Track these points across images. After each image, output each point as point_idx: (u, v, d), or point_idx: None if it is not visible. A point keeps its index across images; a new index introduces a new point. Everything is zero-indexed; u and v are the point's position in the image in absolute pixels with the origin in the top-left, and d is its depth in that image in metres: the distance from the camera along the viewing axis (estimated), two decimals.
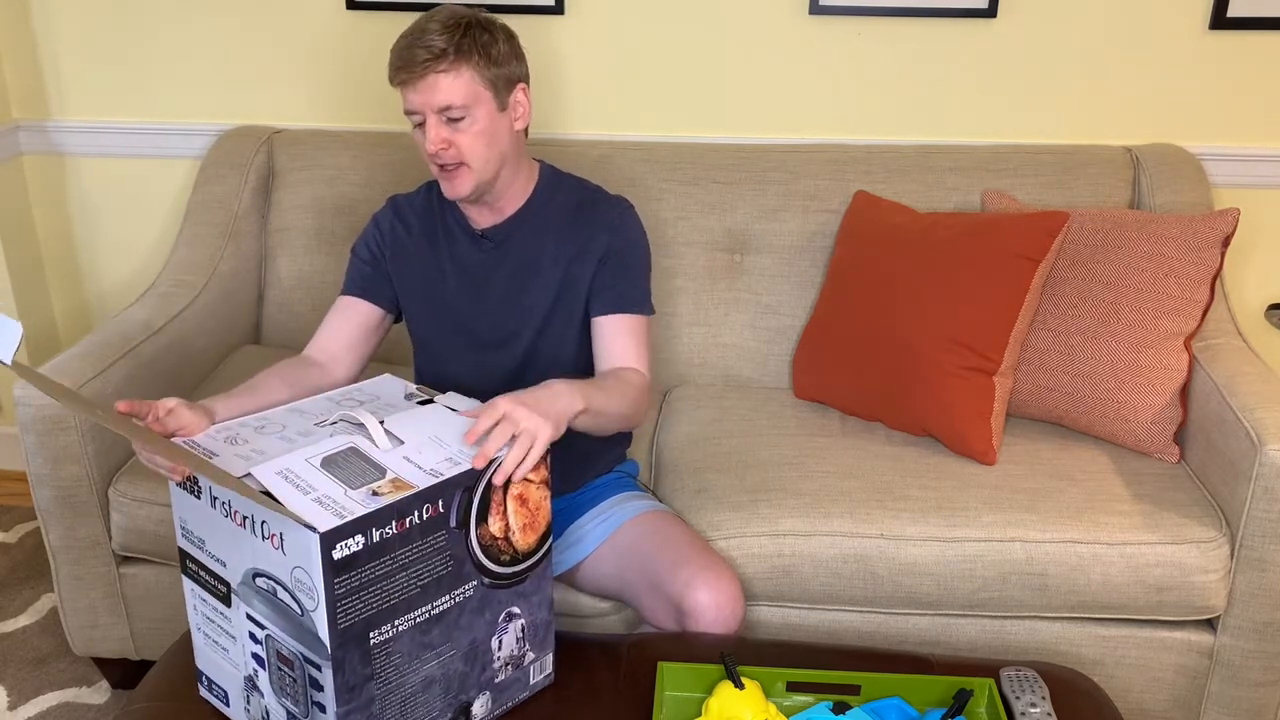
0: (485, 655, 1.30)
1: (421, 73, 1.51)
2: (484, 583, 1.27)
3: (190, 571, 1.29)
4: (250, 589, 1.19)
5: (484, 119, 1.55)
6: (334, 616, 1.12)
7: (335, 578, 1.11)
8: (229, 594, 1.23)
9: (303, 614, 1.14)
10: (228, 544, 1.21)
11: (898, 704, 1.33)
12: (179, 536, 1.28)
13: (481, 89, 1.54)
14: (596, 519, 1.71)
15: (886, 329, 1.99)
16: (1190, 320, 1.92)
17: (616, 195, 1.73)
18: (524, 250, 1.68)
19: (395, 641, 1.19)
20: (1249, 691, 1.80)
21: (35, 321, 2.62)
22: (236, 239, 2.31)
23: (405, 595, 1.18)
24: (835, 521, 1.76)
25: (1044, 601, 1.76)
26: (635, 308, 1.67)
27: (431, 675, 1.24)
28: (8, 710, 2.02)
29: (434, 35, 1.51)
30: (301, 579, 1.12)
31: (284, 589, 1.14)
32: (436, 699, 1.26)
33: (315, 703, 1.17)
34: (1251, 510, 1.71)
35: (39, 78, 2.50)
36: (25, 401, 1.79)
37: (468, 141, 1.55)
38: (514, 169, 1.64)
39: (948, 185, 2.21)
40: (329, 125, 2.46)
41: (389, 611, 1.17)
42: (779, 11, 2.31)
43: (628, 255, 1.68)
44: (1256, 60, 2.28)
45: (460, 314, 1.70)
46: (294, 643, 1.16)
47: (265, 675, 1.22)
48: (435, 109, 1.53)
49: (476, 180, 1.58)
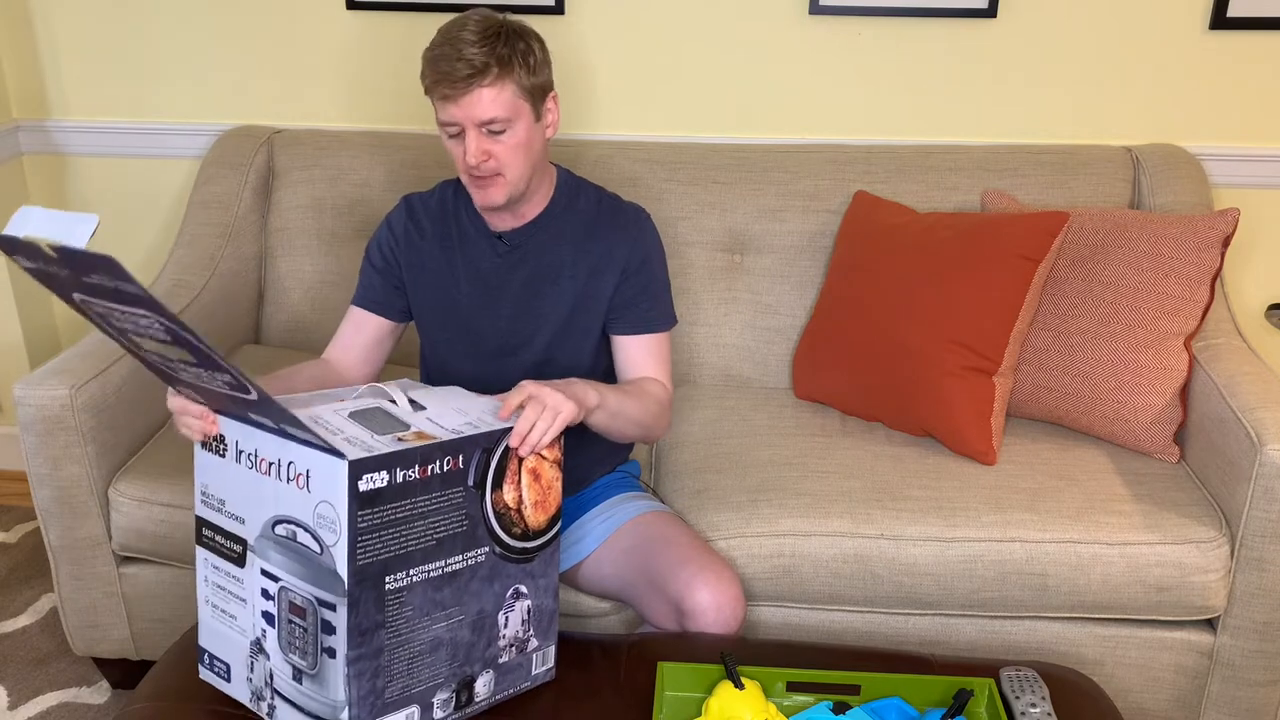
0: (492, 630, 1.32)
1: (465, 88, 1.48)
2: (495, 551, 1.31)
3: (205, 539, 1.32)
4: (268, 541, 1.24)
5: (523, 130, 1.54)
6: (354, 551, 1.16)
7: (359, 509, 1.16)
8: (244, 553, 1.27)
9: (322, 551, 1.18)
10: (249, 498, 1.25)
11: (898, 704, 1.33)
12: (198, 504, 1.33)
13: (522, 101, 1.53)
14: (597, 519, 1.71)
15: (887, 329, 1.99)
16: (1190, 320, 1.92)
17: (633, 204, 1.73)
18: (541, 256, 1.67)
19: (409, 592, 1.22)
20: (1249, 691, 1.80)
21: (35, 321, 2.62)
22: (236, 239, 2.31)
23: (421, 546, 1.23)
24: (835, 521, 1.76)
25: (1044, 601, 1.76)
26: (658, 326, 1.69)
27: (439, 637, 1.27)
28: (8, 710, 2.02)
29: (473, 47, 1.48)
30: (325, 513, 1.17)
31: (305, 530, 1.19)
32: (442, 664, 1.28)
33: (325, 649, 1.20)
34: (1251, 510, 1.71)
35: (39, 78, 2.50)
36: (25, 401, 1.79)
37: (507, 153, 1.54)
38: (541, 176, 1.64)
39: (948, 185, 2.21)
40: (329, 125, 2.46)
41: (405, 559, 1.21)
42: (779, 11, 2.31)
43: (649, 270, 1.68)
44: (1256, 60, 2.28)
45: (471, 319, 1.70)
46: (309, 587, 1.20)
47: (274, 633, 1.25)
48: (477, 122, 1.51)
49: (511, 190, 1.58)
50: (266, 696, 1.28)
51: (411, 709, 1.26)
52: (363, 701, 1.20)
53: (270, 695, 1.27)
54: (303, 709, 1.23)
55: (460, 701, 1.31)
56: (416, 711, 1.27)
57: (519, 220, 1.67)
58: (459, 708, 1.31)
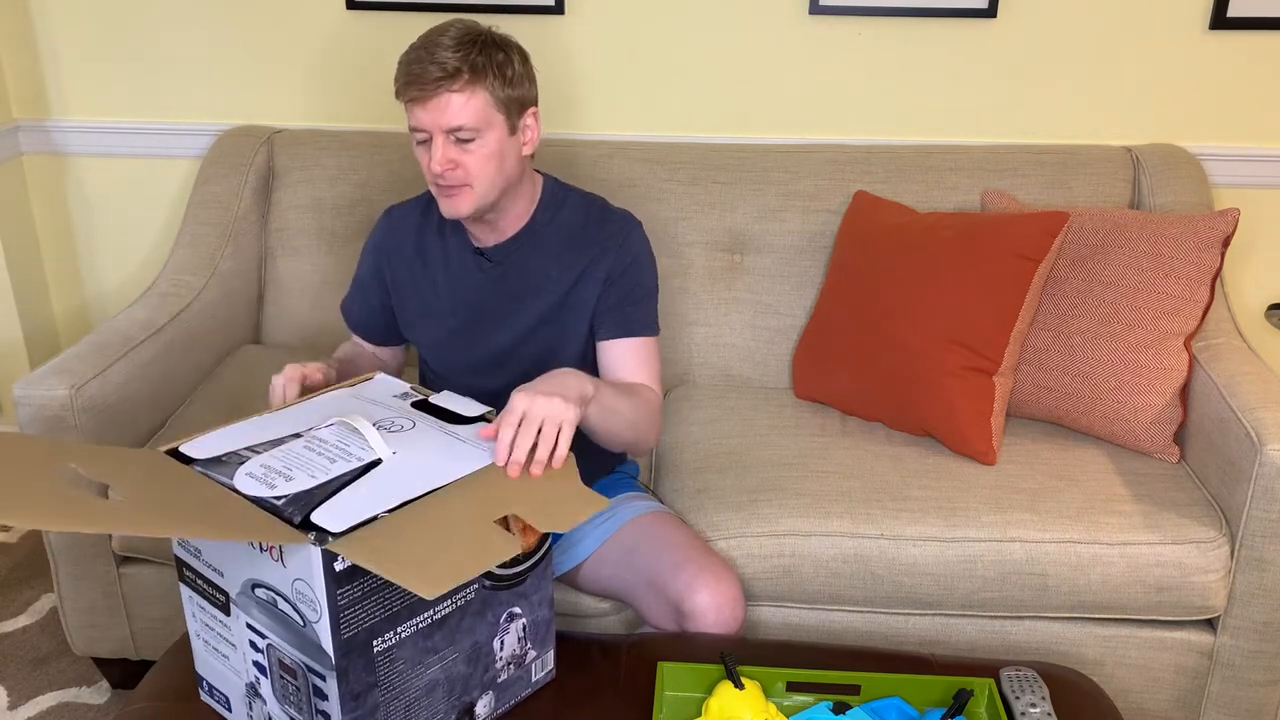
0: (487, 657, 1.30)
1: (434, 91, 1.46)
2: (485, 585, 1.27)
3: (188, 579, 1.28)
4: (249, 599, 1.19)
5: (494, 142, 1.51)
6: (337, 627, 1.12)
7: (338, 589, 1.11)
8: (228, 603, 1.23)
9: (304, 625, 1.13)
10: (225, 555, 1.20)
11: (898, 704, 1.33)
12: (175, 545, 1.27)
13: (494, 111, 1.50)
14: (597, 520, 1.71)
15: (887, 329, 1.99)
16: (1190, 320, 1.92)
17: (622, 211, 1.69)
18: (523, 272, 1.65)
19: (398, 648, 1.19)
20: (1249, 691, 1.80)
21: (35, 321, 2.62)
22: (236, 239, 2.31)
23: (407, 602, 1.18)
24: (835, 521, 1.76)
25: (1044, 601, 1.76)
26: (642, 330, 1.65)
27: (435, 679, 1.24)
28: (8, 710, 2.02)
29: (447, 51, 1.45)
30: (303, 591, 1.12)
31: (284, 600, 1.14)
32: (440, 702, 1.26)
33: (320, 711, 1.17)
34: (1251, 510, 1.71)
35: (39, 78, 2.50)
36: (25, 401, 1.79)
37: (475, 163, 1.51)
38: (516, 192, 1.61)
39: (948, 185, 2.21)
40: (329, 125, 2.46)
41: (391, 619, 1.17)
42: (779, 11, 2.31)
43: (633, 276, 1.64)
44: (1256, 60, 2.28)
45: (455, 335, 1.70)
46: (296, 653, 1.16)
47: (268, 683, 1.22)
48: (445, 129, 1.48)
49: (478, 202, 1.55)
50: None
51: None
52: None
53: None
54: None
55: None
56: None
57: (500, 236, 1.65)
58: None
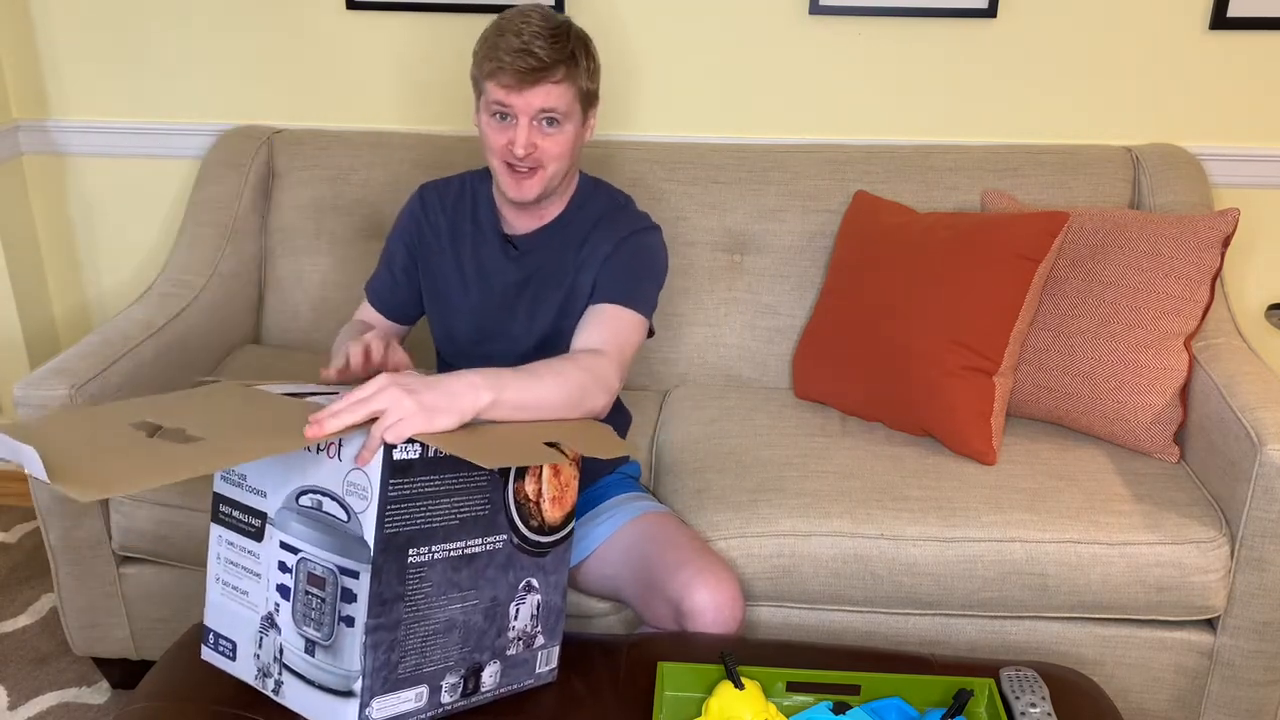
0: (502, 620, 1.34)
1: (532, 81, 1.51)
2: (512, 540, 1.33)
3: (222, 515, 1.34)
4: (290, 513, 1.26)
5: (572, 129, 1.58)
6: (383, 518, 1.18)
7: (391, 478, 1.18)
8: (262, 527, 1.29)
9: (349, 519, 1.20)
10: (273, 472, 1.27)
11: (898, 704, 1.33)
12: (217, 480, 1.34)
13: (576, 102, 1.56)
14: (597, 519, 1.71)
15: (886, 329, 1.99)
16: (1190, 320, 1.92)
17: (642, 213, 1.71)
18: (547, 261, 1.68)
19: (429, 568, 1.24)
20: (1249, 691, 1.80)
21: (35, 321, 2.62)
22: (236, 239, 2.31)
23: (444, 524, 1.25)
24: (835, 521, 1.76)
25: (1044, 601, 1.76)
26: (622, 299, 1.59)
27: (454, 618, 1.28)
28: (8, 710, 2.02)
29: (542, 42, 1.50)
30: (356, 480, 1.19)
31: (332, 499, 1.21)
32: (454, 646, 1.30)
33: (344, 618, 1.21)
34: (1251, 510, 1.71)
35: (39, 78, 2.50)
36: (25, 402, 1.79)
37: (554, 147, 1.56)
38: (570, 179, 1.67)
39: (948, 185, 2.21)
40: (329, 125, 2.46)
41: (429, 534, 1.24)
42: (779, 11, 2.31)
43: (631, 255, 1.64)
44: (1256, 60, 2.28)
45: (472, 319, 1.71)
46: (331, 556, 1.22)
47: (288, 606, 1.27)
48: (534, 112, 1.53)
49: (546, 185, 1.59)
50: (274, 673, 1.28)
51: (421, 688, 1.27)
52: (376, 673, 1.22)
53: (278, 671, 1.28)
54: (313, 682, 1.24)
55: (467, 689, 1.32)
56: (425, 692, 1.28)
57: (536, 223, 1.68)
58: (465, 695, 1.32)
